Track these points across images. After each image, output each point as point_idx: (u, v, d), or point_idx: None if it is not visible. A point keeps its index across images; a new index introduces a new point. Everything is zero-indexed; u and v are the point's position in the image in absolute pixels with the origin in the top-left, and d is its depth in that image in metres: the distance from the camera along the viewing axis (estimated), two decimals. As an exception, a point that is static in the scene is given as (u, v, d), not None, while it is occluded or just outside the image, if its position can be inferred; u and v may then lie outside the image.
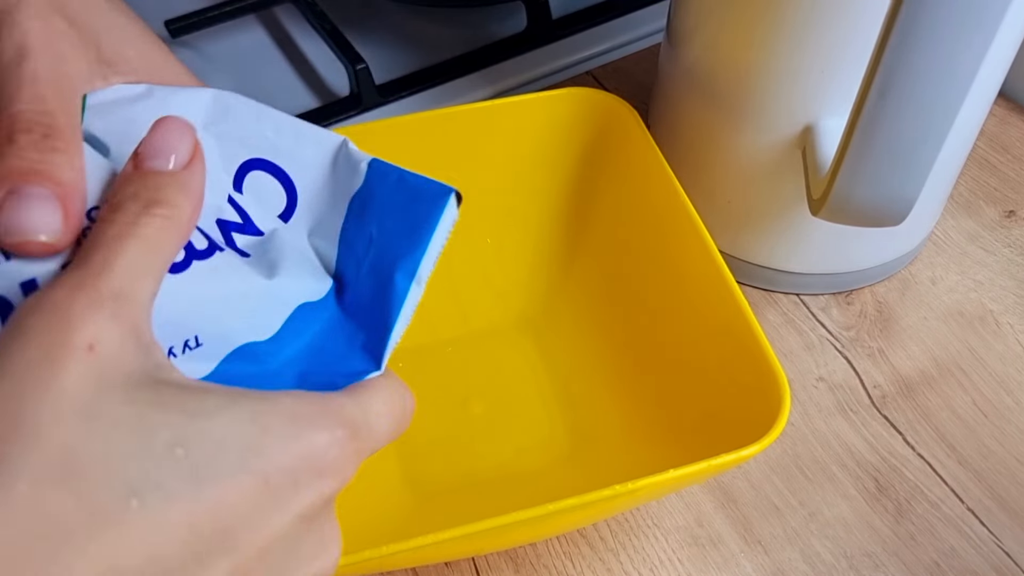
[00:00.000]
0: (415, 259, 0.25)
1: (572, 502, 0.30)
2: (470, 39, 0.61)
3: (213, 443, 0.19)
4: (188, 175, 0.21)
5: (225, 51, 0.61)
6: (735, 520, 0.40)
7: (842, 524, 0.40)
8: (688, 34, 0.44)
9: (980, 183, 0.52)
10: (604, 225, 0.44)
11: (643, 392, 0.40)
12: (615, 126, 0.43)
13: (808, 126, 0.40)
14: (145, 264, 0.20)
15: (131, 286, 0.19)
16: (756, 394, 0.33)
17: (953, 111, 0.31)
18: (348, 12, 0.63)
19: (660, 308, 0.41)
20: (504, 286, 0.46)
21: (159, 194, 0.21)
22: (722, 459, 0.31)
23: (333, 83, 0.59)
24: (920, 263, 0.49)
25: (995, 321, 0.46)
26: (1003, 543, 0.39)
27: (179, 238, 0.21)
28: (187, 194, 0.21)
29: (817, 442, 0.42)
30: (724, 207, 0.45)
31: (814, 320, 0.47)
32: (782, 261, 0.46)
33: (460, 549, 0.34)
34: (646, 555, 0.39)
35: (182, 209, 0.21)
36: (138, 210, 0.20)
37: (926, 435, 0.42)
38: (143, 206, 0.20)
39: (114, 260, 0.19)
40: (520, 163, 0.45)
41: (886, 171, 0.34)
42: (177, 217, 0.21)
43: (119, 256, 0.19)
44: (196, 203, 0.22)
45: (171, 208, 0.21)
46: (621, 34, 0.61)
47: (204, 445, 0.18)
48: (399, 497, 0.39)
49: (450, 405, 0.43)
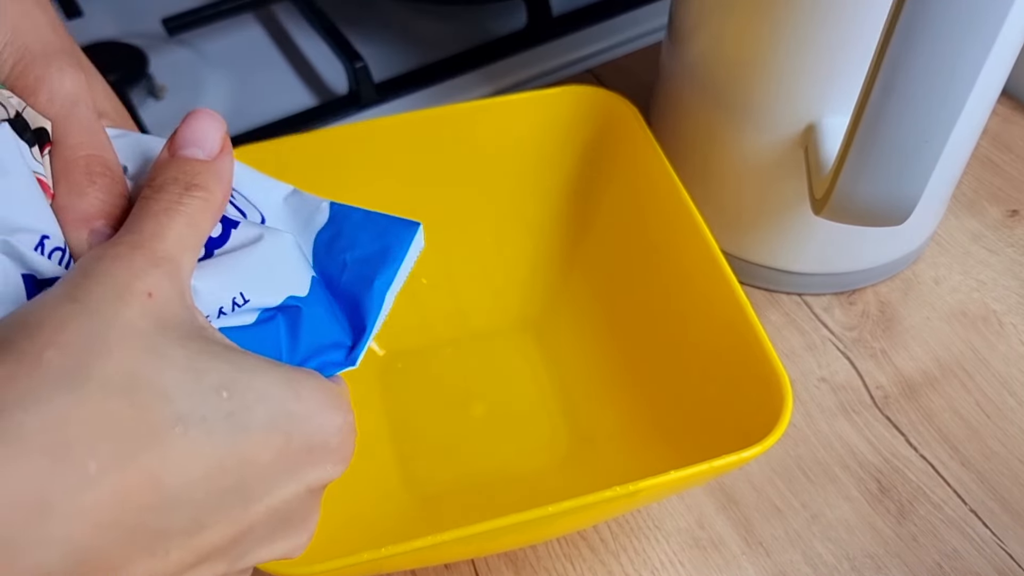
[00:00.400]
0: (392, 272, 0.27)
1: (572, 504, 0.29)
2: (470, 37, 0.61)
3: (254, 394, 0.21)
4: (220, 163, 0.24)
5: (223, 49, 0.61)
6: (737, 522, 0.40)
7: (844, 526, 0.39)
8: (690, 32, 0.43)
9: (983, 182, 0.52)
10: (605, 224, 0.44)
11: (644, 393, 0.40)
12: (616, 124, 0.43)
13: (811, 125, 0.40)
14: (189, 237, 0.22)
15: (179, 255, 0.22)
16: (758, 395, 0.33)
17: (956, 110, 0.31)
18: (346, 10, 0.63)
19: (661, 308, 0.41)
20: (504, 286, 0.46)
21: (196, 179, 0.23)
22: (724, 460, 0.30)
23: (331, 81, 0.59)
24: (923, 263, 0.49)
25: (998, 321, 0.46)
26: (1006, 545, 0.39)
27: (213, 218, 0.24)
28: (219, 180, 0.24)
29: (819, 443, 0.42)
30: (726, 206, 0.45)
31: (816, 320, 0.47)
32: (784, 261, 0.46)
33: (460, 551, 0.34)
34: (647, 557, 0.39)
35: (215, 193, 0.24)
36: (180, 191, 0.23)
37: (929, 436, 0.42)
38: (184, 188, 0.23)
39: (165, 230, 0.22)
40: (520, 162, 0.45)
41: (889, 170, 0.33)
42: (212, 200, 0.23)
43: (168, 227, 0.22)
44: (227, 188, 0.24)
45: (207, 192, 0.23)
46: (622, 32, 0.61)
47: (246, 394, 0.21)
48: (399, 499, 0.39)
49: (450, 406, 0.43)
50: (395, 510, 0.39)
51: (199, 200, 0.23)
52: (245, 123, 0.56)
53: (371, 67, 0.56)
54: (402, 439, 0.42)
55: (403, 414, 0.42)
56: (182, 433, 0.19)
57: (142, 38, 0.60)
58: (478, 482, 0.40)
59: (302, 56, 0.61)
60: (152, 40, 0.60)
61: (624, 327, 0.42)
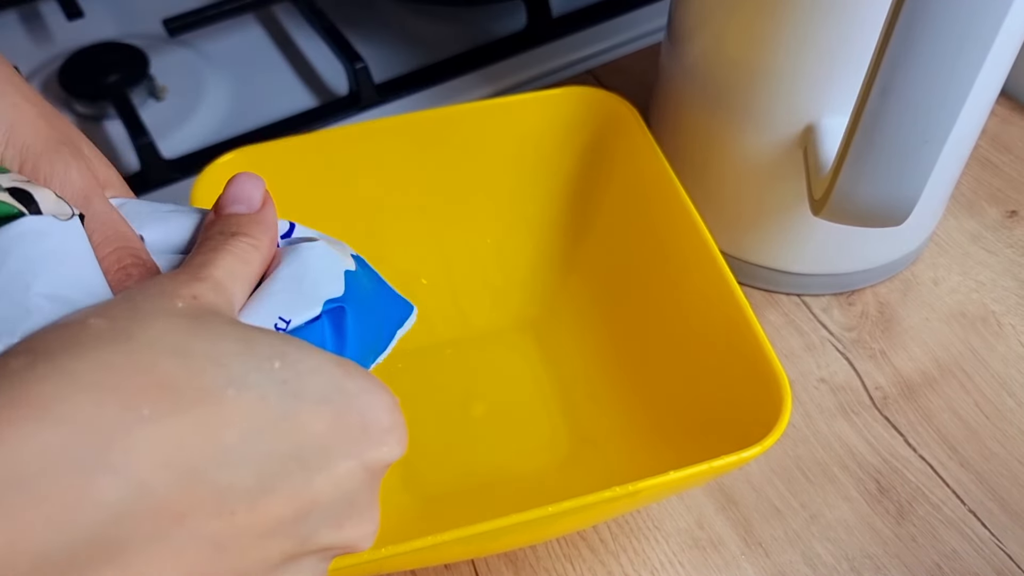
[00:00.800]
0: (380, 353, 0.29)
1: (572, 504, 0.29)
2: (470, 38, 0.61)
3: (307, 367, 0.21)
4: (263, 214, 0.26)
5: (223, 50, 0.61)
6: (736, 522, 0.40)
7: (843, 526, 0.39)
8: (689, 32, 0.43)
9: (982, 183, 0.52)
10: (604, 225, 0.44)
11: (644, 393, 0.40)
12: (616, 125, 0.43)
13: (810, 125, 0.40)
14: (238, 271, 0.24)
15: (228, 282, 0.23)
16: (757, 395, 0.33)
17: (955, 110, 0.31)
18: (347, 11, 0.63)
19: (661, 308, 0.41)
20: (504, 286, 0.46)
21: (241, 228, 0.25)
22: (723, 461, 0.30)
23: (332, 82, 0.59)
24: (922, 263, 0.49)
25: (997, 322, 0.46)
26: (1005, 545, 0.39)
27: (262, 259, 0.25)
28: (264, 228, 0.25)
29: (818, 444, 0.42)
30: (725, 207, 0.45)
31: (815, 321, 0.47)
32: (783, 261, 0.46)
33: (460, 551, 0.34)
34: (647, 557, 0.39)
35: (262, 240, 0.25)
36: (227, 236, 0.25)
37: (928, 436, 0.42)
38: (231, 235, 0.25)
39: (212, 262, 0.23)
40: (520, 162, 0.45)
41: (888, 171, 0.33)
42: (259, 245, 0.25)
43: (216, 261, 0.23)
44: (273, 236, 0.26)
45: (253, 238, 0.25)
46: (622, 33, 0.61)
47: (298, 366, 0.21)
48: (399, 499, 0.39)
49: (450, 407, 0.43)
50: (395, 510, 0.39)
51: (245, 243, 0.24)
52: (245, 124, 0.56)
53: (371, 68, 0.56)
54: (402, 439, 0.42)
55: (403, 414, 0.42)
56: (235, 395, 0.19)
57: (143, 39, 0.60)
58: (478, 482, 0.40)
59: (302, 57, 0.61)
60: (153, 41, 0.60)
61: (624, 327, 0.42)
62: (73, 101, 0.57)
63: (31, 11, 0.64)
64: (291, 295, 0.25)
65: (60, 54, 0.59)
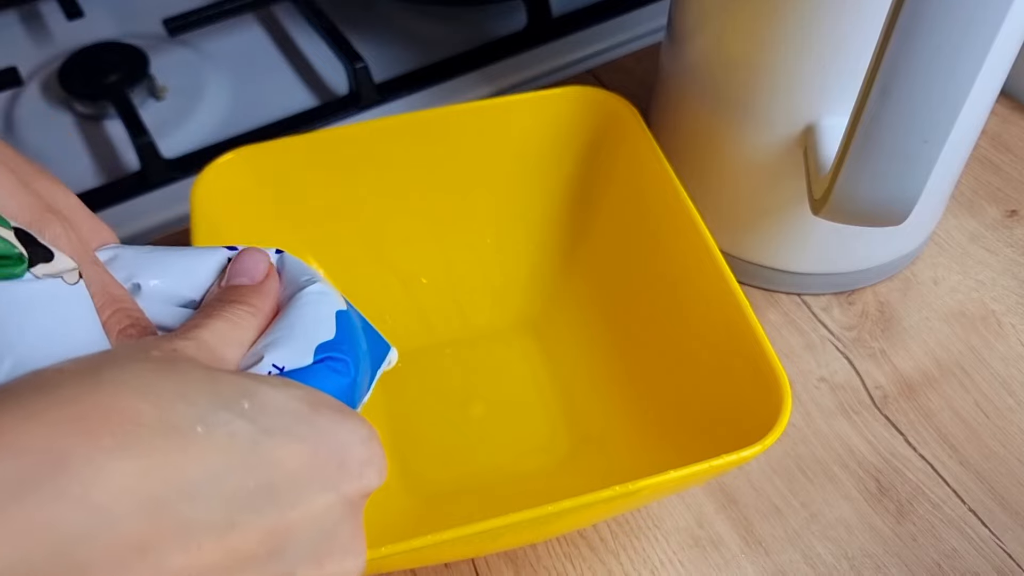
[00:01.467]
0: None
1: (572, 503, 0.29)
2: (470, 37, 0.61)
3: (274, 407, 0.21)
4: (265, 285, 0.27)
5: (223, 50, 0.61)
6: (736, 521, 0.40)
7: (843, 525, 0.40)
8: (690, 32, 0.43)
9: (982, 182, 0.52)
10: (604, 225, 0.44)
11: (644, 393, 0.40)
12: (616, 125, 0.43)
13: (810, 125, 0.40)
14: (228, 334, 0.25)
15: (214, 343, 0.24)
16: (757, 394, 0.33)
17: (955, 110, 0.31)
18: (347, 10, 0.63)
19: (661, 308, 0.41)
20: (504, 286, 0.46)
21: (240, 296, 0.26)
22: (723, 460, 0.30)
23: (332, 82, 0.59)
24: (922, 263, 0.49)
25: (997, 321, 0.46)
26: (1005, 544, 0.39)
27: (258, 324, 0.26)
28: (265, 297, 0.27)
29: (818, 443, 0.42)
30: (725, 206, 0.45)
31: (815, 320, 0.47)
32: (783, 261, 0.46)
33: (460, 550, 0.34)
34: (647, 556, 0.39)
35: (260, 308, 0.26)
36: (224, 303, 0.26)
37: (928, 436, 0.42)
38: (229, 302, 0.26)
39: (202, 324, 0.24)
40: (520, 162, 0.45)
41: (888, 170, 0.33)
42: (256, 312, 0.26)
43: (207, 324, 0.24)
44: (273, 303, 0.27)
45: (251, 306, 0.26)
46: (622, 32, 0.61)
47: (266, 405, 0.21)
48: (399, 499, 0.39)
49: (450, 407, 0.43)
50: (395, 510, 0.39)
51: (242, 310, 0.26)
52: (246, 123, 0.56)
53: (371, 67, 0.56)
54: (402, 439, 0.42)
55: (403, 414, 0.42)
56: (204, 432, 0.20)
57: (143, 38, 0.60)
58: (478, 482, 0.40)
59: (303, 56, 0.61)
60: (153, 40, 0.60)
61: (624, 327, 0.42)
62: (73, 101, 0.57)
63: (31, 11, 0.64)
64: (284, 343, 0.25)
65: (60, 54, 0.59)
